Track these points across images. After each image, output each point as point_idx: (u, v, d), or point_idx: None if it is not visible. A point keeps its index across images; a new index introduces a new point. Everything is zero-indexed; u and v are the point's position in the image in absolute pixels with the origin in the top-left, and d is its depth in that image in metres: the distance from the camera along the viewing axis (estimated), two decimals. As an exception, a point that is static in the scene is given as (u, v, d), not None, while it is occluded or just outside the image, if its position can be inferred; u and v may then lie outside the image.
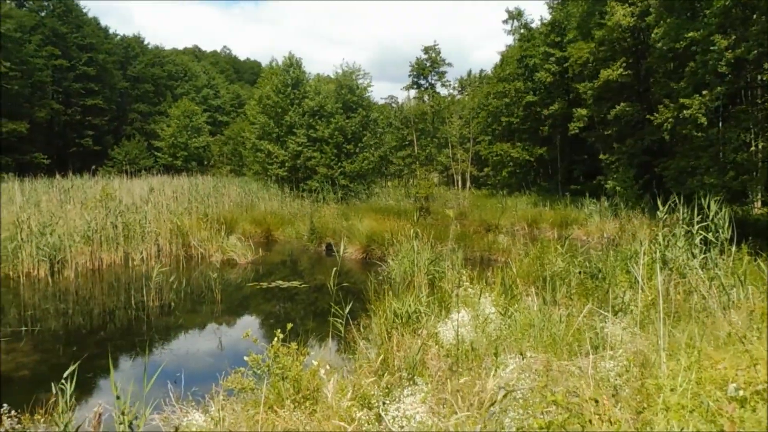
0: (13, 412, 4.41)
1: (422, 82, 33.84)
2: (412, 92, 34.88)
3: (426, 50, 33.06)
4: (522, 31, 39.63)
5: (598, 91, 25.97)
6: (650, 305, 6.89)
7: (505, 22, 43.69)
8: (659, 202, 9.65)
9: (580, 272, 9.15)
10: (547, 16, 36.07)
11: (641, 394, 4.01)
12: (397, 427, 3.98)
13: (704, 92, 18.39)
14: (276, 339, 5.21)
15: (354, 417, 4.16)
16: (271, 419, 4.43)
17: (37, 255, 13.76)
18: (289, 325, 5.45)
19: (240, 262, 16.27)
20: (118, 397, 4.43)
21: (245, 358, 5.26)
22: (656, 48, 21.79)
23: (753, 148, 18.38)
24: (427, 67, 33.14)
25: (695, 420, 3.37)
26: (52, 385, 4.73)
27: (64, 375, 4.61)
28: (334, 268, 6.20)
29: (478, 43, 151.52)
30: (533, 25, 38.65)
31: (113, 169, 46.62)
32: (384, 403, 4.28)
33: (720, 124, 19.43)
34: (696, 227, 8.77)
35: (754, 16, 17.29)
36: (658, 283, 5.11)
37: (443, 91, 35.36)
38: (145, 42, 68.31)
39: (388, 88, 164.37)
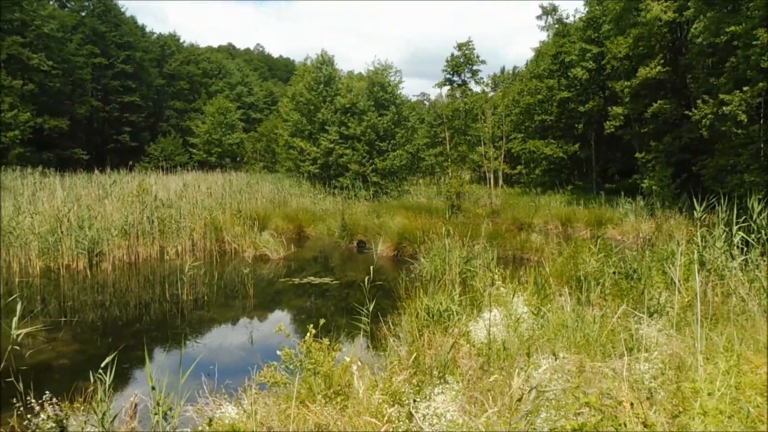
0: (54, 400, 4.53)
1: (455, 79, 33.66)
2: (445, 89, 34.75)
3: (460, 47, 32.87)
4: (556, 26, 39.11)
5: (636, 88, 25.48)
6: (687, 307, 6.75)
7: (539, 17, 43.25)
8: (696, 203, 9.43)
9: (614, 272, 9.00)
10: (583, 11, 35.55)
11: (677, 398, 3.94)
12: (427, 425, 3.98)
13: (745, 88, 17.87)
14: (308, 334, 5.26)
15: (384, 413, 4.17)
16: (302, 414, 4.47)
17: (76, 248, 14.13)
18: (322, 321, 5.49)
19: (272, 257, 16.44)
20: (153, 388, 4.53)
21: (278, 352, 5.32)
22: (695, 43, 21.24)
23: (797, 147, 17.83)
24: (462, 64, 32.94)
25: (734, 426, 3.30)
26: (91, 374, 4.86)
27: (102, 365, 4.74)
28: (371, 266, 6.21)
29: (509, 39, 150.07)
30: (568, 21, 38.12)
31: (149, 165, 47.47)
32: (415, 401, 4.29)
33: (761, 121, 18.87)
34: (736, 227, 8.56)
35: (800, 10, 16.74)
36: (695, 284, 4.99)
37: (476, 89, 35.15)
38: (181, 40, 69.50)
39: (419, 85, 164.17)
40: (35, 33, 43.31)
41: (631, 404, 3.46)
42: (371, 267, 6.23)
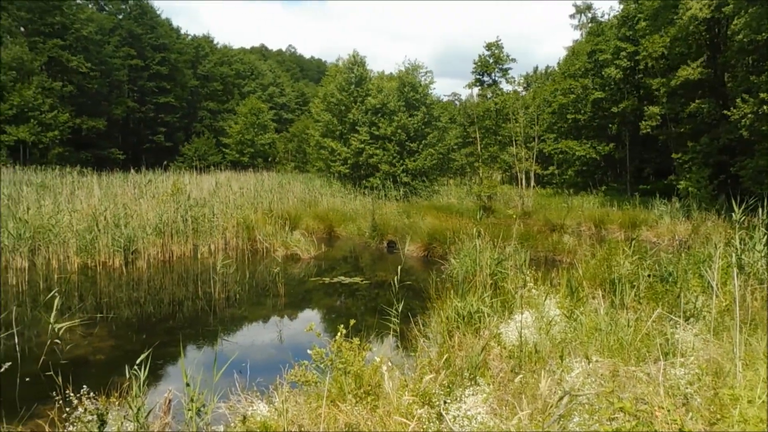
0: (91, 394, 4.64)
1: (485, 79, 33.42)
2: (476, 90, 34.55)
3: (488, 47, 32.62)
4: (590, 25, 38.57)
5: (673, 87, 24.96)
6: (724, 312, 6.58)
7: (572, 16, 42.71)
8: (734, 204, 9.19)
9: (649, 275, 8.82)
10: (618, 9, 34.99)
11: (715, 405, 3.85)
12: (458, 427, 3.96)
13: (788, 88, 17.40)
14: (339, 334, 5.28)
15: (414, 414, 4.16)
16: (333, 413, 4.49)
17: (112, 246, 14.44)
18: (352, 321, 5.51)
19: (303, 257, 16.55)
20: (188, 385, 4.60)
21: (309, 351, 5.36)
22: (735, 41, 20.71)
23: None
24: (491, 64, 32.70)
25: (775, 434, 3.20)
26: (126, 369, 4.96)
27: (137, 361, 4.83)
28: (399, 266, 6.21)
29: (542, 38, 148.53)
30: (602, 19, 37.54)
31: (184, 164, 48.27)
32: (445, 402, 4.27)
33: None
34: (777, 230, 8.32)
35: None
36: (734, 288, 4.87)
37: (507, 88, 34.86)
38: (214, 42, 70.52)
39: (451, 85, 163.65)
40: (74, 36, 44.48)
41: (668, 410, 3.39)
42: (399, 267, 6.22)
